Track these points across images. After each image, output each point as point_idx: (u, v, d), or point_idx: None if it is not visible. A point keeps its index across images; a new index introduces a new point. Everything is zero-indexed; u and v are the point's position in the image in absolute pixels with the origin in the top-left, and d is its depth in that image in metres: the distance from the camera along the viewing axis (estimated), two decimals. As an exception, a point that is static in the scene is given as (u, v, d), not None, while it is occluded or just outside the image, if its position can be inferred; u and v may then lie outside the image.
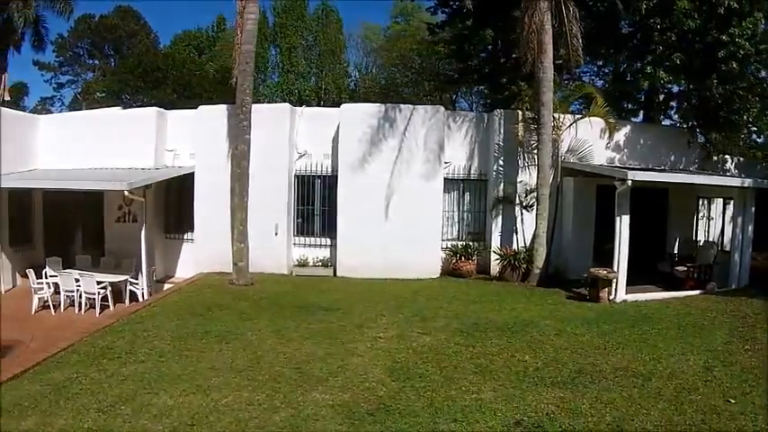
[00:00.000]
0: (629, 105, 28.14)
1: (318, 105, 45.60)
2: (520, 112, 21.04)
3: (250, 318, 14.26)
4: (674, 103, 26.48)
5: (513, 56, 26.26)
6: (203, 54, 61.19)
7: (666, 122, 27.79)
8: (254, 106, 19.03)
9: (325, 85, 54.91)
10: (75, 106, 55.01)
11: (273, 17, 58.39)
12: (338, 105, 21.22)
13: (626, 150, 22.26)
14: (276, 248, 20.14)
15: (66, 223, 23.65)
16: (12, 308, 18.70)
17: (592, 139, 20.73)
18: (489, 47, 29.10)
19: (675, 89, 25.08)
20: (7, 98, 30.70)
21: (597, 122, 20.76)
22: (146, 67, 52.73)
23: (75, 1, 34.37)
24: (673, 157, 23.04)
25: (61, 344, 12.01)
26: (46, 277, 19.00)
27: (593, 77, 33.13)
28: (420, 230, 19.83)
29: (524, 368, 10.52)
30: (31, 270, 18.79)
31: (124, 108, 28.19)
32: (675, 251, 21.98)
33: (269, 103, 35.20)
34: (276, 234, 20.10)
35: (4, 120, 21.32)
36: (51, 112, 50.65)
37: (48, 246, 23.52)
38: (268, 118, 20.05)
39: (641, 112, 28.25)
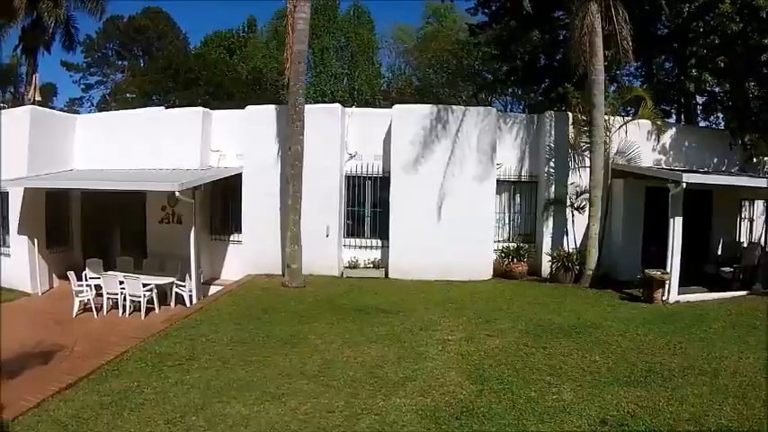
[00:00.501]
0: (666, 107, 28.11)
1: (351, 106, 45.71)
2: (570, 114, 21.04)
3: (309, 321, 14.18)
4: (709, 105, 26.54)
5: (557, 57, 26.33)
6: (234, 55, 61.12)
7: (702, 124, 27.82)
8: (305, 107, 19.03)
9: (358, 86, 54.75)
10: (103, 107, 55.44)
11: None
12: (371, 106, 21.33)
13: (671, 152, 22.21)
14: (327, 250, 20.12)
15: (104, 224, 23.72)
16: (51, 310, 18.85)
17: (639, 141, 20.73)
18: (531, 48, 28.98)
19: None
20: (38, 98, 30.81)
21: (644, 124, 20.93)
22: (177, 68, 53.18)
23: (107, 1, 34.47)
24: (716, 159, 22.97)
25: (114, 350, 11.88)
26: (86, 279, 18.90)
27: (630, 78, 33.15)
28: (472, 232, 19.73)
29: (597, 368, 10.61)
30: (72, 272, 18.71)
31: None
32: (719, 252, 21.95)
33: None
34: (327, 236, 20.07)
35: (41, 119, 21.73)
36: (79, 113, 51.07)
37: (85, 247, 23.60)
38: (318, 118, 19.89)
39: (673, 113, 28.36)
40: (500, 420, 8.43)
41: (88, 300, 18.35)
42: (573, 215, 20.59)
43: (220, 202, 22.30)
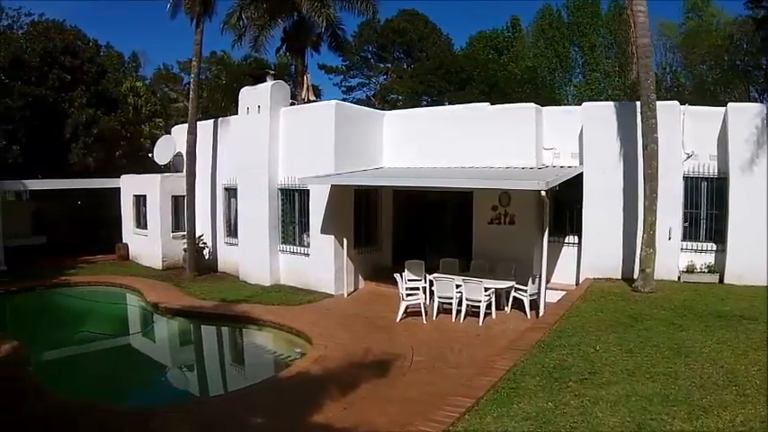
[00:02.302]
0: None
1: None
2: None
3: (682, 327, 13.56)
4: None
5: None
6: (502, 55, 61.86)
7: None
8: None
9: (630, 83, 53.29)
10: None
11: (567, 16, 58.35)
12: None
13: None
14: (667, 253, 19.30)
15: (417, 225, 23.88)
16: (366, 314, 18.66)
17: None
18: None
19: None
20: (312, 98, 31.36)
21: None
22: (448, 68, 53.88)
23: (378, 1, 34.32)
24: None
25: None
26: (404, 281, 18.65)
27: None
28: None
29: None
30: (399, 275, 18.53)
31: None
32: None
33: (578, 102, 34.84)
34: (669, 239, 19.39)
35: (346, 115, 22.20)
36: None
37: (395, 248, 23.85)
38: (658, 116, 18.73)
39: None
40: None
41: (417, 303, 18.07)
42: None
43: (551, 202, 21.33)
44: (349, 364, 13.43)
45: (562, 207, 21.24)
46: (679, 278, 19.66)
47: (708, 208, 20.16)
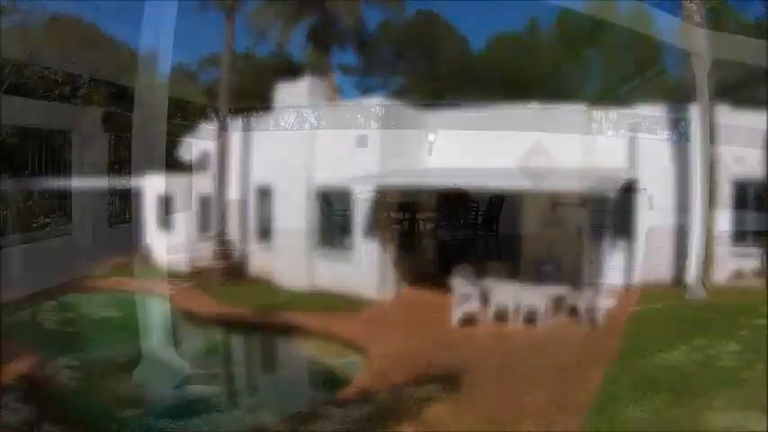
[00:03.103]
0: None
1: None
2: None
3: (748, 332, 13.79)
4: None
5: None
6: (521, 56, 61.30)
7: None
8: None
9: (653, 87, 53.37)
10: (382, 108, 56.47)
11: (587, 17, 58.36)
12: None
13: None
14: (717, 258, 19.07)
15: (461, 227, 23.47)
16: (418, 321, 17.98)
17: None
18: None
19: None
20: (336, 98, 31.09)
21: None
22: (467, 69, 53.61)
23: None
24: None
25: (590, 374, 11.05)
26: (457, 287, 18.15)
27: None
28: None
29: None
30: (452, 280, 17.98)
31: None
32: None
33: (596, 105, 34.61)
34: (719, 243, 19.14)
35: (389, 114, 21.47)
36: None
37: (438, 252, 23.33)
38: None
39: None
40: None
41: (474, 309, 17.44)
42: None
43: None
44: (414, 377, 12.59)
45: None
46: (728, 282, 19.36)
47: (754, 212, 19.90)
